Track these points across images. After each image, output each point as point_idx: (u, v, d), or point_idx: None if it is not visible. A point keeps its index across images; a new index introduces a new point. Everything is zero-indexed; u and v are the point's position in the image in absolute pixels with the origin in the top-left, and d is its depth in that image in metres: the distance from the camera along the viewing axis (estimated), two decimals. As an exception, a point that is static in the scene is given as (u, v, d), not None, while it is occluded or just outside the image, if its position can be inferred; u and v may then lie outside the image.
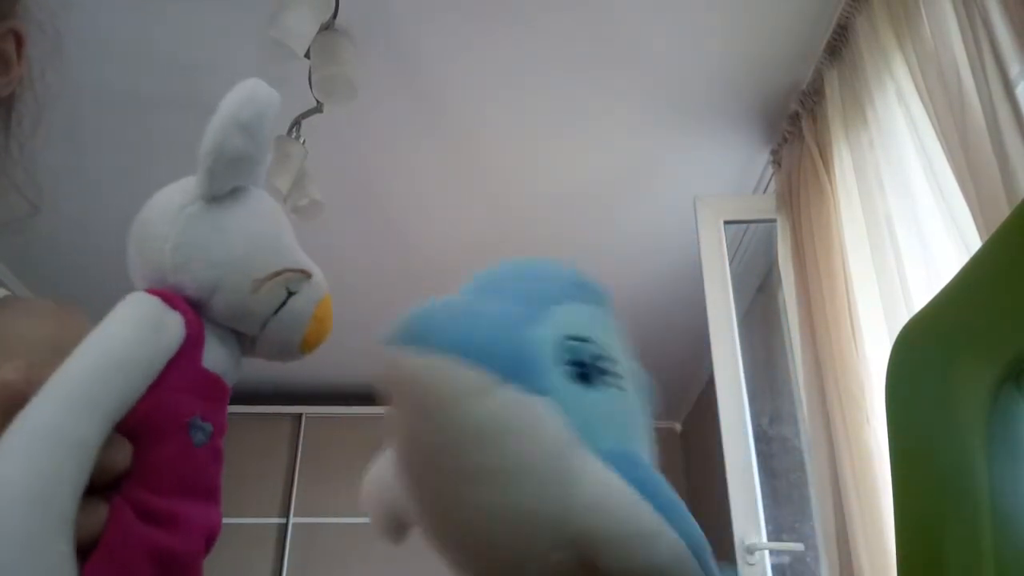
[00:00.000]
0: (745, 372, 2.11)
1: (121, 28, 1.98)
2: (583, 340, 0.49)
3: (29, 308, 0.63)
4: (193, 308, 0.48)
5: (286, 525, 3.61)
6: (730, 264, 2.23)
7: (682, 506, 0.46)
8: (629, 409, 0.52)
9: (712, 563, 0.45)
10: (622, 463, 0.46)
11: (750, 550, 1.89)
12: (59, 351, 0.59)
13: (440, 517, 0.48)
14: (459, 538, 0.48)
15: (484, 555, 0.48)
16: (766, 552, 1.92)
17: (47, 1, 0.68)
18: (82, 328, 0.62)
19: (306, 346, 0.54)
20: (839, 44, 1.88)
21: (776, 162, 2.29)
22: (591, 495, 0.44)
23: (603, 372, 0.50)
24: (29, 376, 0.40)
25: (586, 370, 0.48)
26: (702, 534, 0.45)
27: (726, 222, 2.29)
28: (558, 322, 0.49)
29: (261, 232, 0.51)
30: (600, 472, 0.45)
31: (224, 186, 0.49)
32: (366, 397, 3.43)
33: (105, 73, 2.10)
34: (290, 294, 0.51)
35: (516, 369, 0.43)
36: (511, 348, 0.44)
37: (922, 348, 0.56)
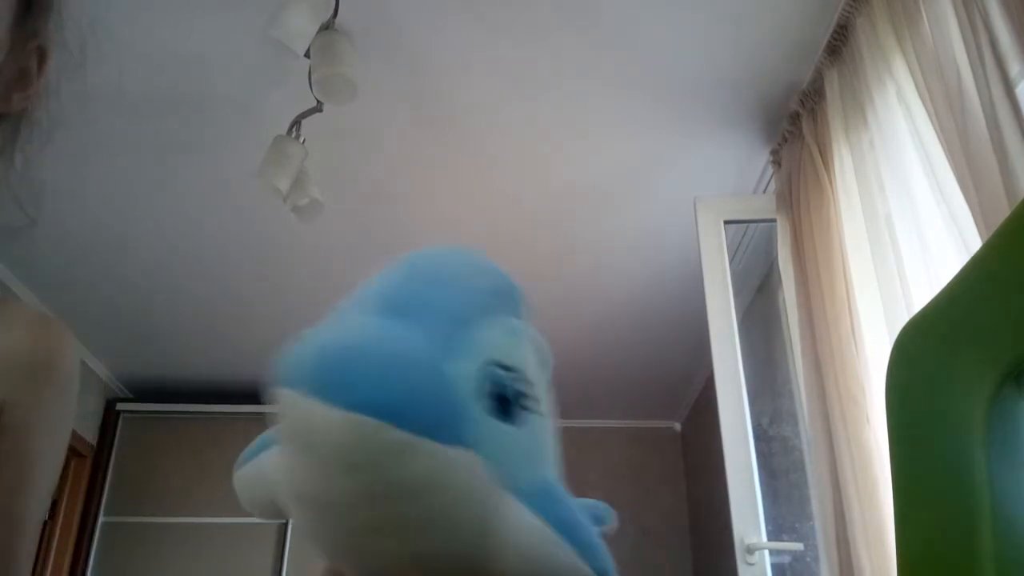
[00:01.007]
0: (745, 372, 2.11)
1: (118, 28, 1.98)
2: (505, 368, 0.48)
3: (11, 320, 0.62)
4: None
5: (286, 525, 3.61)
6: (730, 264, 2.23)
7: (594, 536, 0.48)
8: (545, 434, 0.52)
9: None
10: (540, 501, 0.46)
11: (750, 550, 1.89)
12: (32, 375, 0.60)
13: (356, 563, 0.47)
14: None
15: None
16: (766, 552, 1.92)
17: (78, 23, 0.68)
18: (61, 347, 0.62)
19: None
20: (839, 44, 1.88)
21: (776, 162, 2.29)
22: (511, 539, 0.45)
23: (523, 398, 0.49)
24: None
25: (507, 401, 0.47)
26: (611, 562, 0.47)
27: (726, 222, 2.29)
28: (479, 347, 0.47)
29: None
30: (519, 516, 0.45)
31: None
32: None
33: (101, 74, 2.10)
34: None
35: (436, 422, 0.42)
36: (431, 400, 0.42)
37: (922, 348, 0.56)
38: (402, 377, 0.42)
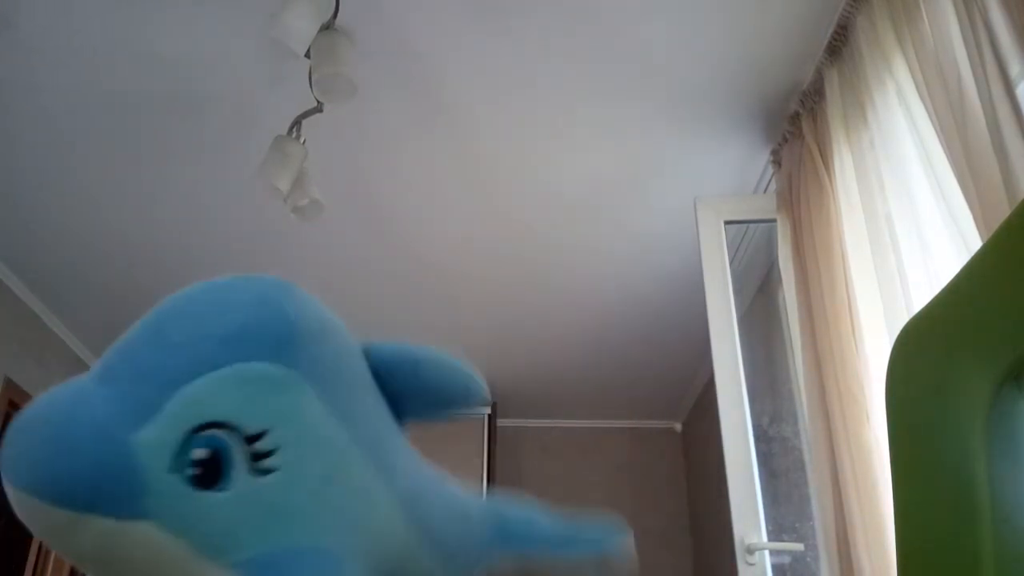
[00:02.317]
0: (745, 372, 2.10)
1: (119, 28, 1.98)
2: (221, 426, 0.43)
3: None
4: None
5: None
6: (730, 264, 2.23)
7: None
8: (296, 490, 0.46)
9: None
10: (263, 572, 0.42)
11: (750, 550, 1.89)
12: None
13: None
14: None
15: None
16: (766, 552, 1.92)
17: None
18: None
19: None
20: (839, 44, 1.87)
21: (776, 162, 2.28)
22: None
23: (255, 457, 0.44)
24: None
25: (221, 467, 0.43)
26: None
27: (726, 222, 2.29)
28: (184, 410, 0.43)
29: None
30: None
31: None
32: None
33: (103, 74, 2.10)
34: None
35: (102, 498, 0.40)
36: (96, 476, 0.40)
37: (922, 348, 0.56)
38: (67, 455, 0.41)
